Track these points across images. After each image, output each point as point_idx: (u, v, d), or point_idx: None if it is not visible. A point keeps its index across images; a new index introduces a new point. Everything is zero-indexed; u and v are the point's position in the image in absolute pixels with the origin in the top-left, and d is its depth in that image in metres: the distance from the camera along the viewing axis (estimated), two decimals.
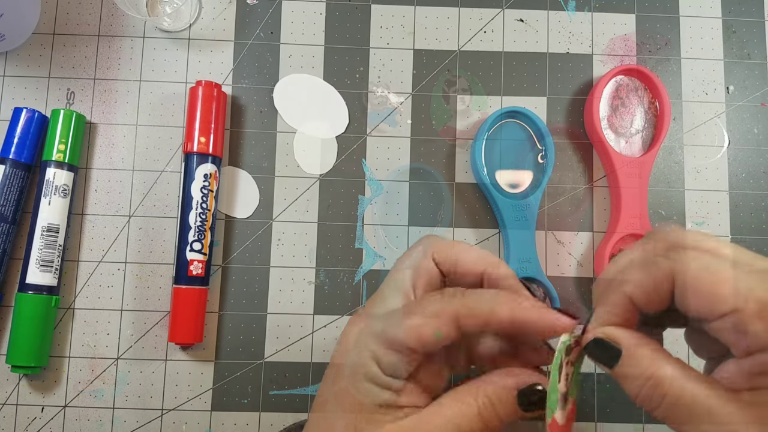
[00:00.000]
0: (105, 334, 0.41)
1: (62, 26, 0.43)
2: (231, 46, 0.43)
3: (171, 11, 0.44)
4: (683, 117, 0.43)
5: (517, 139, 0.41)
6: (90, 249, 0.41)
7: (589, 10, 0.44)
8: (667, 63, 0.44)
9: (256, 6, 0.44)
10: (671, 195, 0.43)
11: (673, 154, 0.43)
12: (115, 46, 0.43)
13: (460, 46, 0.44)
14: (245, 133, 0.43)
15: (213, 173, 0.40)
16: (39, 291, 0.39)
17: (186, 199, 0.40)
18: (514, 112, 0.41)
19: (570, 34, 0.44)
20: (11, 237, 0.40)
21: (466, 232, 0.42)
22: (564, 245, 0.42)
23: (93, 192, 0.42)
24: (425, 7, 0.44)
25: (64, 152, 0.40)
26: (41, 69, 0.43)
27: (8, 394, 0.40)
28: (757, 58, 0.44)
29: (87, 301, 0.41)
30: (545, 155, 0.41)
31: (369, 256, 0.42)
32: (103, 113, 0.42)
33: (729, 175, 0.43)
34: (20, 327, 0.38)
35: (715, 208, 0.42)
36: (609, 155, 0.41)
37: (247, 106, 0.43)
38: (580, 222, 0.42)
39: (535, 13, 0.44)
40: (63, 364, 0.40)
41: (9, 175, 0.40)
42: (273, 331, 0.41)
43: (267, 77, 0.43)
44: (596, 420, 0.40)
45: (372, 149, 0.43)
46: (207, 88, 0.41)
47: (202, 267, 0.39)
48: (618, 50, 0.44)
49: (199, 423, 0.40)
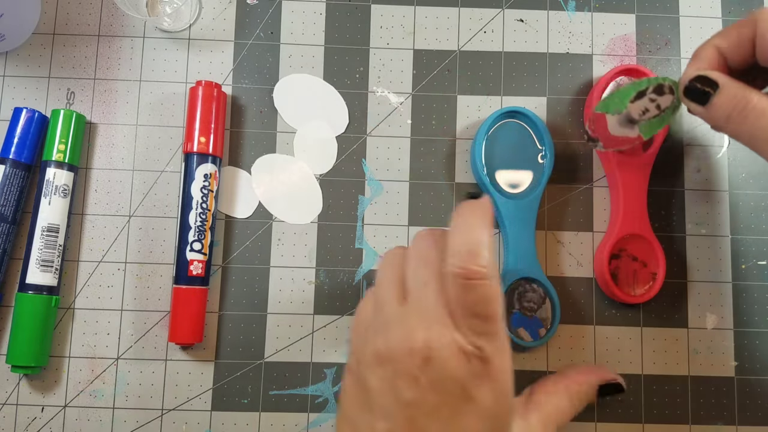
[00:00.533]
0: (105, 334, 0.41)
1: (62, 26, 0.43)
2: (231, 46, 0.43)
3: (171, 11, 0.44)
4: (683, 117, 0.43)
5: (516, 139, 0.41)
6: (90, 249, 0.41)
7: (589, 10, 0.44)
8: (667, 63, 0.44)
9: (256, 6, 0.44)
10: (671, 195, 0.43)
11: (673, 154, 0.43)
12: (115, 46, 0.43)
13: (460, 46, 0.44)
14: (245, 133, 0.43)
15: (213, 173, 0.40)
16: (39, 291, 0.39)
17: (186, 199, 0.40)
18: (514, 112, 0.41)
19: (570, 34, 0.44)
20: (11, 237, 0.40)
21: None
22: (564, 245, 0.42)
23: (93, 192, 0.42)
24: (425, 7, 0.44)
25: (64, 152, 0.40)
26: (41, 69, 0.43)
27: (8, 394, 0.40)
28: None
29: (87, 301, 0.41)
30: (545, 155, 0.41)
31: (369, 256, 0.42)
32: (103, 113, 0.43)
33: (729, 175, 0.43)
34: (20, 327, 0.39)
35: (715, 208, 0.42)
36: (609, 155, 0.41)
37: (247, 106, 0.43)
38: (580, 222, 0.42)
39: (535, 13, 0.44)
40: (63, 364, 0.40)
41: (9, 175, 0.40)
42: (273, 331, 0.41)
43: (267, 77, 0.43)
44: (596, 420, 0.40)
45: (372, 149, 0.43)
46: (207, 88, 0.41)
47: (202, 267, 0.40)
48: (618, 50, 0.44)
49: (199, 423, 0.40)
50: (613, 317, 0.41)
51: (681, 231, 0.42)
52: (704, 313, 0.41)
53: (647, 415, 0.40)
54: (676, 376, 0.41)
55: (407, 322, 0.27)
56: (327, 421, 0.40)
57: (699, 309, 0.42)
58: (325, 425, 0.40)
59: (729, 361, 0.41)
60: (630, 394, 0.41)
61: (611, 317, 0.41)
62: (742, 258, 0.42)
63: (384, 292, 0.29)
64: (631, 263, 0.41)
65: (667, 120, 0.33)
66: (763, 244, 0.42)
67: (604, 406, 0.40)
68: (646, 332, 0.41)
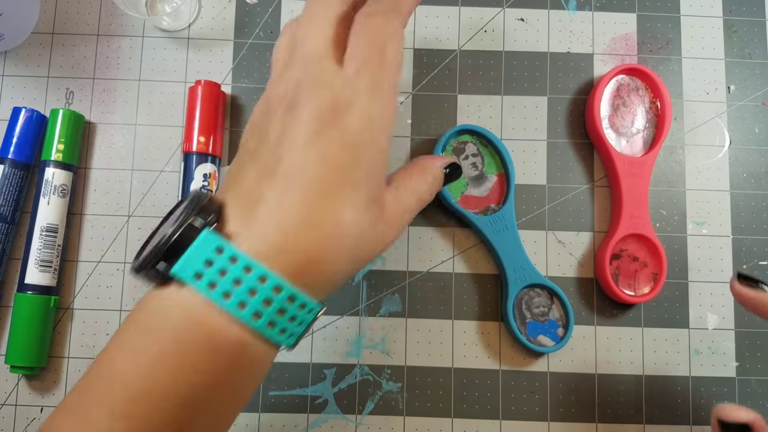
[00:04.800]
0: (104, 334, 0.40)
1: (61, 26, 0.43)
2: (230, 45, 0.43)
3: (170, 10, 0.44)
4: (684, 117, 0.43)
5: (473, 158, 0.41)
6: (89, 249, 0.41)
7: (589, 9, 0.44)
8: (668, 62, 0.44)
9: (256, 5, 0.44)
10: (672, 195, 0.42)
11: (674, 153, 0.43)
12: (114, 46, 0.43)
13: (460, 46, 0.43)
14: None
15: (212, 173, 0.40)
16: (38, 291, 0.39)
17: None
18: (467, 131, 0.41)
19: (571, 33, 0.44)
20: (10, 237, 0.40)
21: (467, 231, 0.42)
22: (564, 245, 0.42)
23: (92, 192, 0.42)
24: (425, 7, 0.44)
25: (63, 152, 0.40)
26: (40, 68, 0.43)
27: (7, 394, 0.40)
28: (758, 58, 0.44)
29: (86, 301, 0.41)
30: (506, 168, 0.41)
31: None
32: (102, 113, 0.42)
33: (730, 175, 0.43)
34: (19, 327, 0.38)
35: (716, 208, 0.42)
36: (610, 155, 0.41)
37: (247, 105, 0.43)
38: (581, 222, 0.42)
39: (536, 12, 0.44)
40: (62, 364, 0.40)
41: (8, 175, 0.39)
42: None
43: (267, 77, 0.43)
44: (597, 420, 0.40)
45: None
46: (206, 87, 0.40)
47: None
48: (619, 50, 0.44)
49: None
50: (613, 317, 0.41)
51: (682, 231, 0.42)
52: (705, 313, 0.41)
53: (648, 415, 0.40)
54: (677, 376, 0.41)
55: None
56: (327, 421, 0.40)
57: (700, 309, 0.41)
58: (325, 426, 0.40)
59: (730, 362, 0.41)
60: (631, 394, 0.40)
61: (612, 317, 0.41)
62: (744, 258, 0.42)
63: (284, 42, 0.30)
64: (632, 263, 0.41)
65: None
66: (764, 244, 0.42)
67: (605, 407, 0.40)
68: (647, 332, 0.41)
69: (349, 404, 0.40)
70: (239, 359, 0.25)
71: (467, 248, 0.42)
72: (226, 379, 0.25)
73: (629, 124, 0.42)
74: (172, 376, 0.24)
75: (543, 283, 0.40)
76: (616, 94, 0.42)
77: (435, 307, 0.41)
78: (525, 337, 0.40)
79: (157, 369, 0.24)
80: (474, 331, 0.41)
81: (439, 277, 0.41)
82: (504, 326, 0.41)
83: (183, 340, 0.24)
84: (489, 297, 0.41)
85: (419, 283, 0.41)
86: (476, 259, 0.41)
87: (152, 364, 0.24)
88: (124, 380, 0.24)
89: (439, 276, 0.41)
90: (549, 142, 0.43)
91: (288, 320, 0.25)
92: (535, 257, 0.41)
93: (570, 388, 0.40)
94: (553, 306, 0.40)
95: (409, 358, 0.41)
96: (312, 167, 0.25)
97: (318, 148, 0.26)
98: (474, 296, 0.41)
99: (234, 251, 0.24)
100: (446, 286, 0.41)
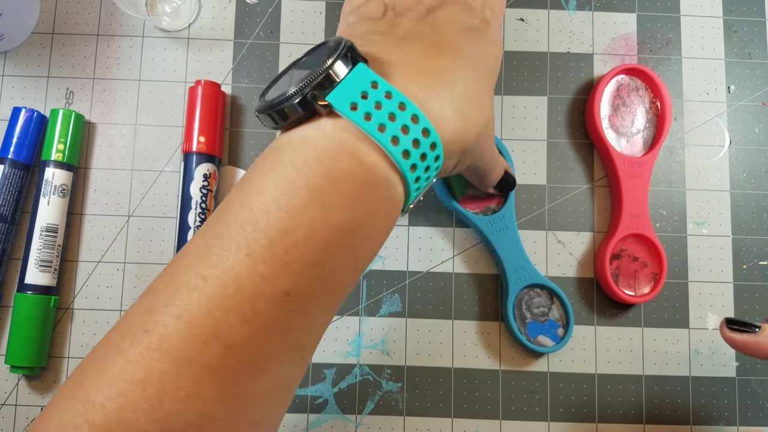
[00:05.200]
0: (104, 334, 0.40)
1: (61, 26, 0.43)
2: (230, 45, 0.43)
3: (170, 10, 0.44)
4: (684, 116, 0.43)
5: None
6: (89, 249, 0.41)
7: (589, 9, 0.44)
8: (668, 62, 0.44)
9: (256, 5, 0.44)
10: (672, 195, 0.42)
11: (674, 153, 0.43)
12: (114, 46, 0.43)
13: None
14: (245, 133, 0.42)
15: (212, 173, 0.40)
16: (38, 291, 0.39)
17: (185, 199, 0.40)
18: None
19: (571, 33, 0.44)
20: (10, 237, 0.40)
21: (467, 231, 0.42)
22: (565, 245, 0.42)
23: (92, 192, 0.42)
24: None
25: (63, 152, 0.40)
26: (40, 68, 0.43)
27: (7, 394, 0.40)
28: (758, 58, 0.44)
29: (86, 301, 0.41)
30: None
31: None
32: (102, 113, 0.42)
33: (730, 174, 0.43)
34: (19, 327, 0.38)
35: (717, 207, 0.42)
36: (610, 155, 0.41)
37: (247, 105, 0.43)
38: (581, 222, 0.42)
39: (536, 12, 0.44)
40: (62, 364, 0.40)
41: (8, 175, 0.39)
42: None
43: (267, 77, 0.43)
44: (597, 421, 0.40)
45: None
46: (206, 87, 0.40)
47: None
48: (619, 50, 0.44)
49: None
50: (613, 317, 0.41)
51: (682, 231, 0.42)
52: (705, 313, 0.41)
53: (648, 415, 0.40)
54: (677, 376, 0.41)
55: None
56: (327, 421, 0.40)
57: (700, 309, 0.41)
58: (325, 426, 0.40)
59: (730, 362, 0.41)
60: (631, 394, 0.40)
61: (612, 317, 0.41)
62: (744, 258, 0.42)
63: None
64: (632, 263, 0.41)
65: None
66: (764, 244, 0.42)
67: (605, 407, 0.40)
68: (647, 332, 0.41)
69: (349, 404, 0.40)
70: (384, 201, 0.23)
71: (467, 248, 0.42)
72: (371, 219, 0.23)
73: (629, 124, 0.42)
74: (322, 213, 0.22)
75: (543, 283, 0.40)
76: (616, 94, 0.42)
77: (435, 307, 0.41)
78: (525, 337, 0.40)
79: (307, 205, 0.21)
80: (474, 331, 0.41)
81: (439, 277, 0.41)
82: (504, 326, 0.41)
83: (336, 176, 0.22)
84: (489, 297, 0.41)
85: (419, 283, 0.41)
86: (476, 259, 0.41)
87: (300, 201, 0.21)
88: (264, 222, 0.21)
89: (439, 276, 0.41)
90: (549, 142, 0.43)
91: (424, 169, 0.24)
92: (535, 257, 0.41)
93: (570, 388, 0.40)
94: (553, 306, 0.40)
95: (409, 358, 0.41)
96: (472, 60, 0.27)
97: (471, 44, 0.27)
98: (474, 296, 0.41)
99: (389, 87, 0.23)
100: (446, 286, 0.41)
